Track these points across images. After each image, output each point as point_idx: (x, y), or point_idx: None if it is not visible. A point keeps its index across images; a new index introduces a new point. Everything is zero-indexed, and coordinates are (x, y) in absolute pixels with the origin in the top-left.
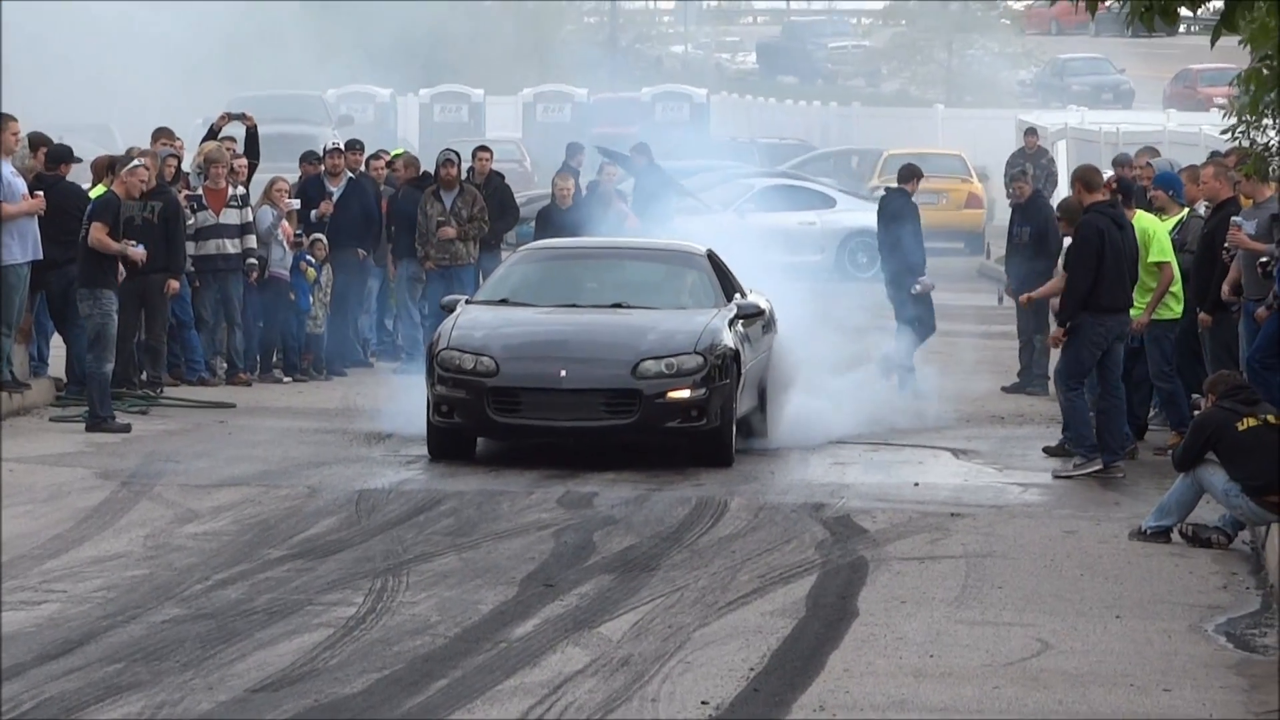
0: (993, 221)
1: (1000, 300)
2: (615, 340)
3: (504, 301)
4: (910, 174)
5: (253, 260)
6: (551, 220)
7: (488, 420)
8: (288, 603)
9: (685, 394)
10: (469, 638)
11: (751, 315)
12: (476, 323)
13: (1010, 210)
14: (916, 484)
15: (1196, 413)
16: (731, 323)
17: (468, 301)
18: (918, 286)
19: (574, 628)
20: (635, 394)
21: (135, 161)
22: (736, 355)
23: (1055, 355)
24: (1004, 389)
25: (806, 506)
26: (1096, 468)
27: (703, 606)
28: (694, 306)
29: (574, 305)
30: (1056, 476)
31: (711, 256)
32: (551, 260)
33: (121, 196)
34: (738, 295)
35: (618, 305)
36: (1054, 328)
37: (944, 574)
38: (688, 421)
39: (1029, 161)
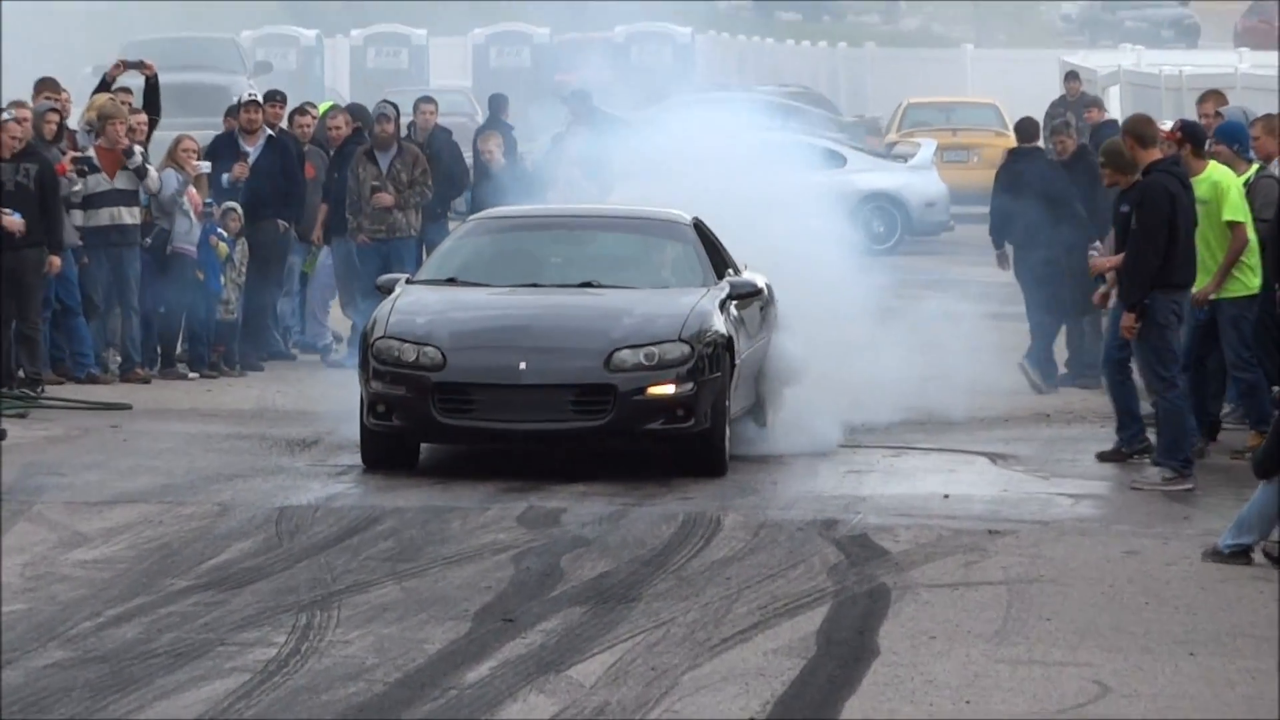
0: None
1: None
2: (584, 326)
3: (451, 281)
4: (1034, 130)
5: (157, 228)
6: (477, 190)
7: (433, 422)
8: (195, 643)
9: (669, 389)
10: (412, 683)
11: (747, 295)
12: (419, 306)
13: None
14: (947, 496)
15: None
16: (723, 304)
17: (408, 281)
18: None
19: (538, 670)
20: (609, 390)
21: (5, 114)
22: (729, 343)
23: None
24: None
25: (816, 523)
26: (1188, 487)
27: (693, 644)
28: (678, 285)
29: (535, 285)
30: (1135, 487)
31: (699, 226)
32: (508, 231)
33: None
34: (730, 272)
35: (587, 285)
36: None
37: (981, 603)
38: (672, 422)
39: (1072, 111)
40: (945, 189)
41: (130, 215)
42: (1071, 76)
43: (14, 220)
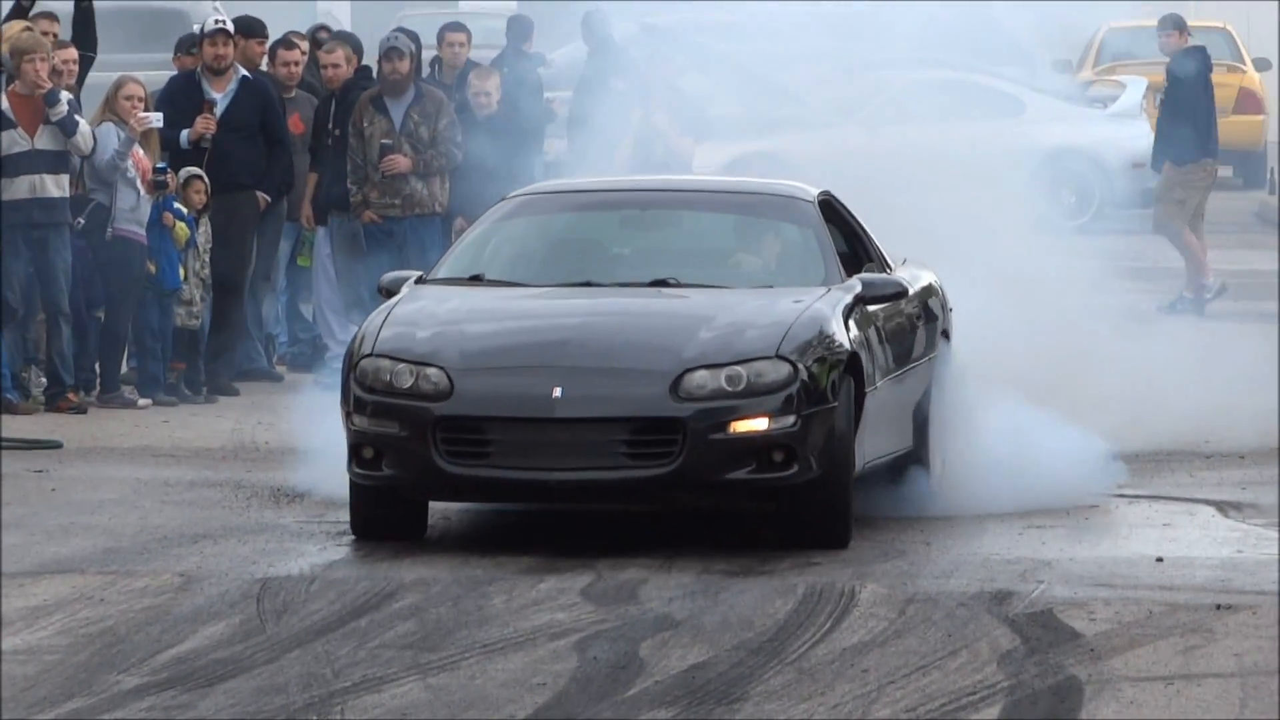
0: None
1: None
2: (646, 340)
3: (477, 279)
4: None
5: (91, 202)
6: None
7: (435, 471)
8: None
9: (762, 425)
10: None
11: (888, 297)
12: (423, 315)
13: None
14: (1160, 559)
15: None
16: (850, 309)
17: (419, 280)
18: None
19: None
20: (677, 425)
21: None
22: (855, 361)
23: None
24: None
25: (983, 596)
26: None
27: None
28: (788, 284)
29: (589, 285)
30: None
31: (827, 204)
32: (561, 212)
33: None
34: (871, 267)
35: (661, 284)
36: None
37: (1206, 702)
38: (766, 470)
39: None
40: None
41: (57, 186)
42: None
43: None
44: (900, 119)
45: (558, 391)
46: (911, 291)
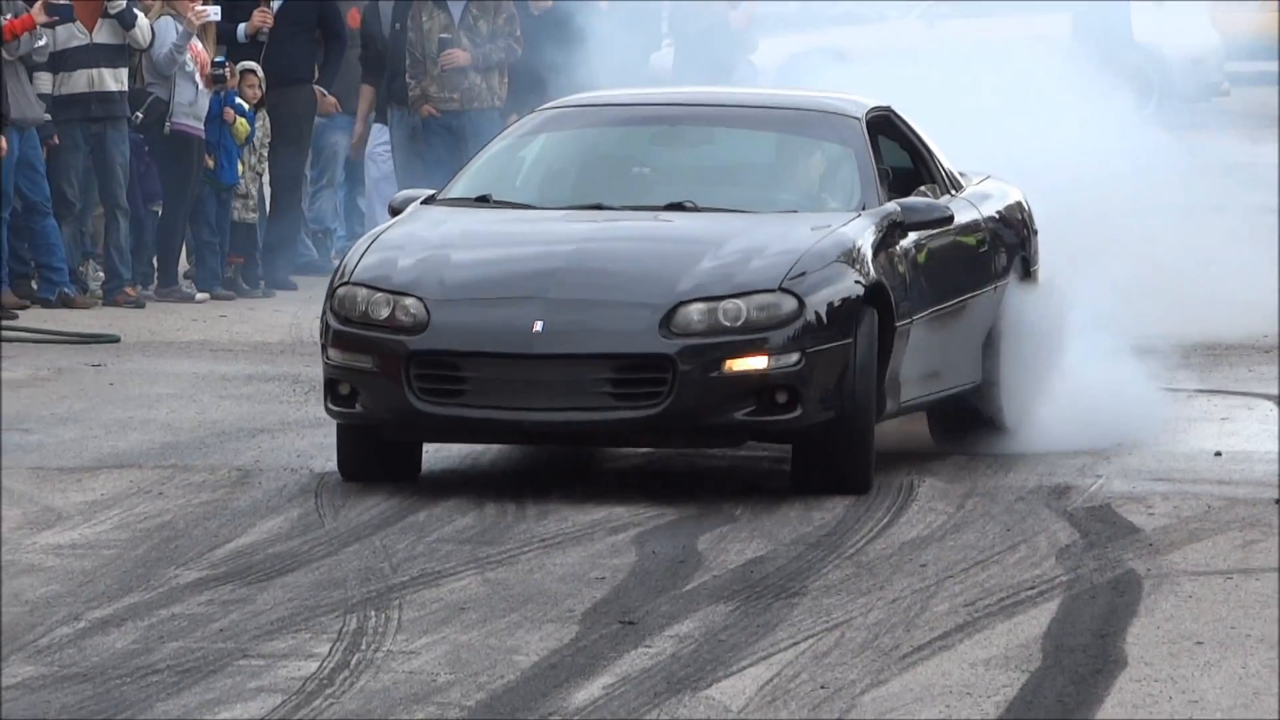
0: None
1: None
2: (641, 270)
3: (484, 200)
4: None
5: (148, 96)
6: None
7: (407, 409)
8: (208, 655)
9: (760, 363)
10: (501, 707)
11: (930, 223)
12: (412, 240)
13: None
14: (1218, 453)
15: None
16: (883, 236)
17: (427, 201)
18: None
19: (669, 690)
20: (666, 362)
21: None
22: (880, 294)
23: None
24: None
25: (1041, 491)
26: None
27: (876, 654)
28: (817, 209)
29: (600, 208)
30: None
31: (884, 120)
32: (586, 127)
33: None
34: (930, 188)
35: (677, 207)
36: None
37: (1263, 598)
38: (767, 411)
39: None
40: (1218, 38)
41: (115, 80)
42: None
43: None
44: (956, 14)
45: (538, 325)
46: (972, 217)
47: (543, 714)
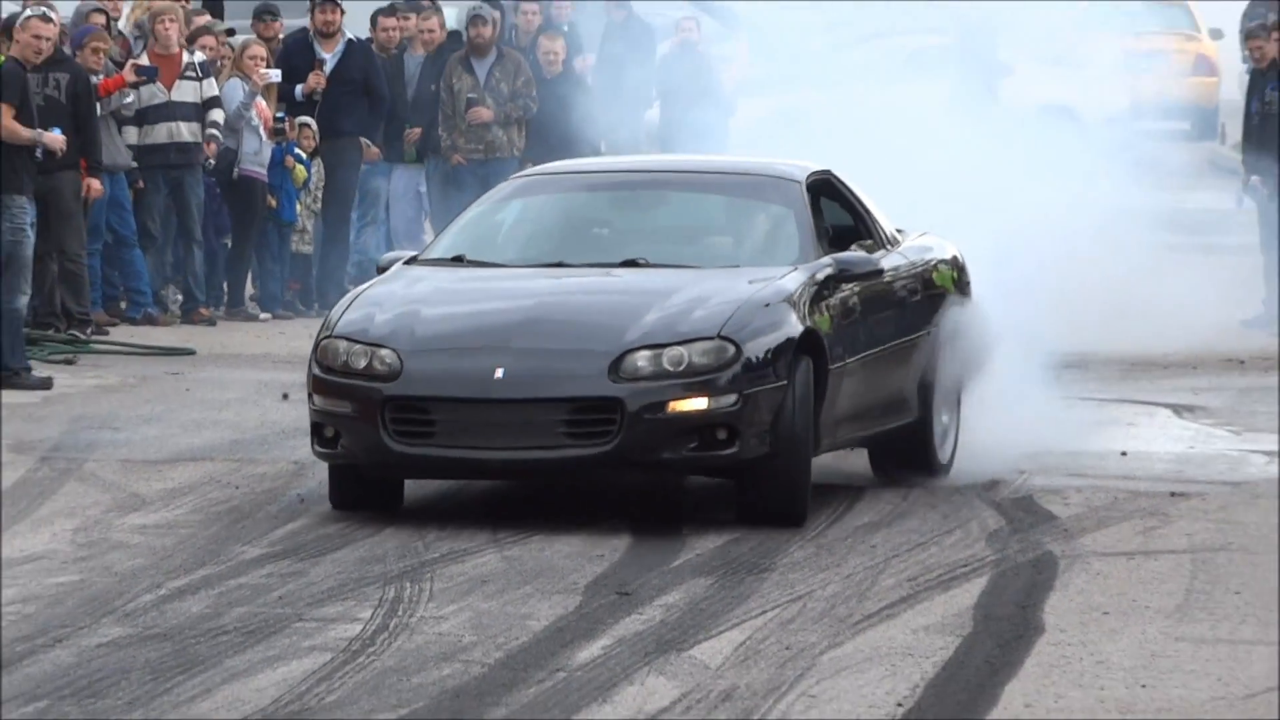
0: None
1: (1240, 202)
2: (594, 321)
3: (457, 260)
4: None
5: (213, 142)
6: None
7: (383, 450)
8: (269, 618)
9: (700, 404)
10: (515, 664)
11: (862, 275)
12: (389, 297)
13: (1248, 78)
14: (1124, 453)
15: None
16: (820, 289)
17: (409, 262)
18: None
19: (658, 650)
20: (614, 405)
21: (28, 11)
22: (812, 340)
23: None
24: (1244, 323)
25: (974, 485)
26: None
27: (833, 621)
28: (761, 263)
29: (561, 265)
30: None
31: (819, 185)
32: (553, 193)
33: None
34: (864, 244)
35: (631, 264)
36: None
37: (1161, 575)
38: (707, 448)
39: (1274, 13)
40: (1126, 101)
41: (191, 132)
42: None
43: (56, 138)
44: (906, 79)
45: (499, 372)
46: (907, 269)
47: (551, 670)
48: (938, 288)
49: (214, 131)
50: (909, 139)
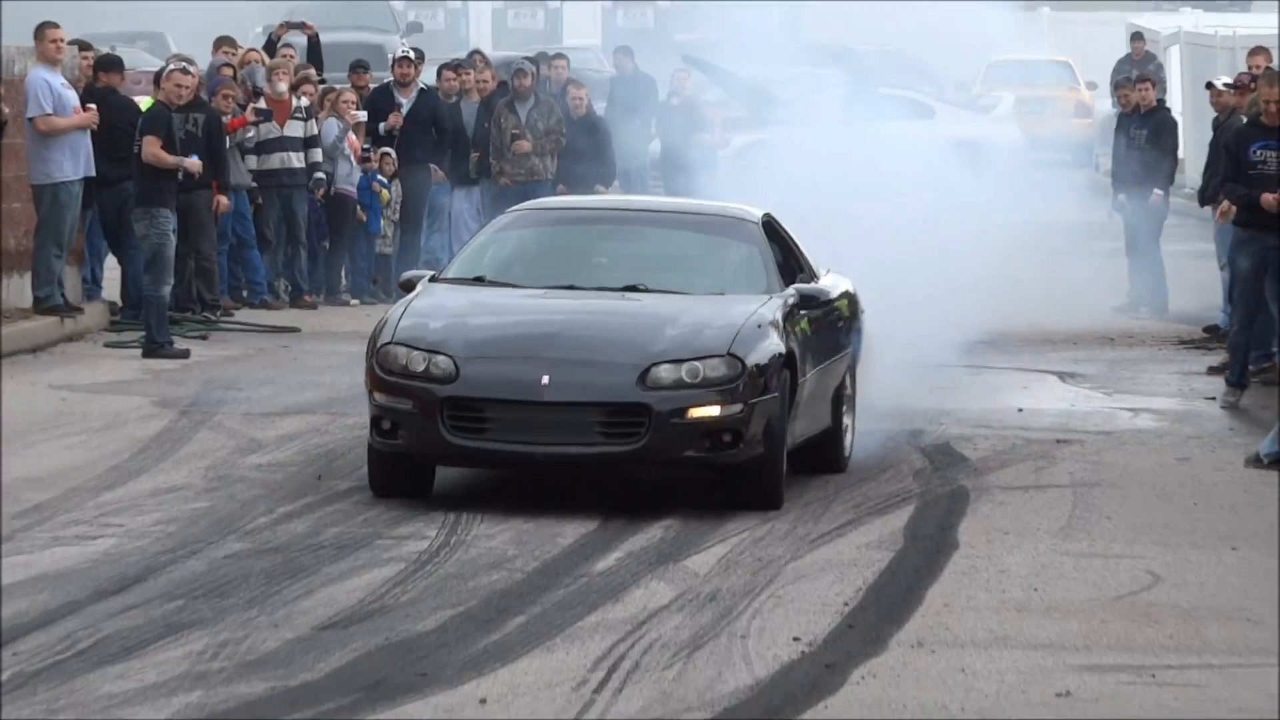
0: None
1: (1110, 216)
2: (619, 337)
3: (479, 280)
4: None
5: (319, 175)
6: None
7: (442, 442)
8: (357, 536)
9: (713, 411)
10: (548, 571)
11: (817, 304)
12: (435, 309)
13: (1116, 119)
14: (1020, 409)
15: None
16: (789, 314)
17: (433, 279)
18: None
19: (659, 561)
20: (643, 410)
21: (171, 66)
22: (790, 359)
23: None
24: (1113, 309)
25: (904, 433)
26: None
27: (794, 539)
28: (737, 292)
29: (572, 288)
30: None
31: (769, 225)
32: (549, 226)
33: (169, 105)
34: (804, 278)
35: (632, 289)
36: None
37: (1049, 504)
38: (717, 449)
39: (1136, 69)
40: (1022, 137)
41: (297, 159)
42: (1137, 37)
43: (194, 163)
44: (852, 120)
45: (546, 379)
46: (834, 297)
47: (576, 576)
48: (847, 316)
49: (320, 175)
50: (859, 162)
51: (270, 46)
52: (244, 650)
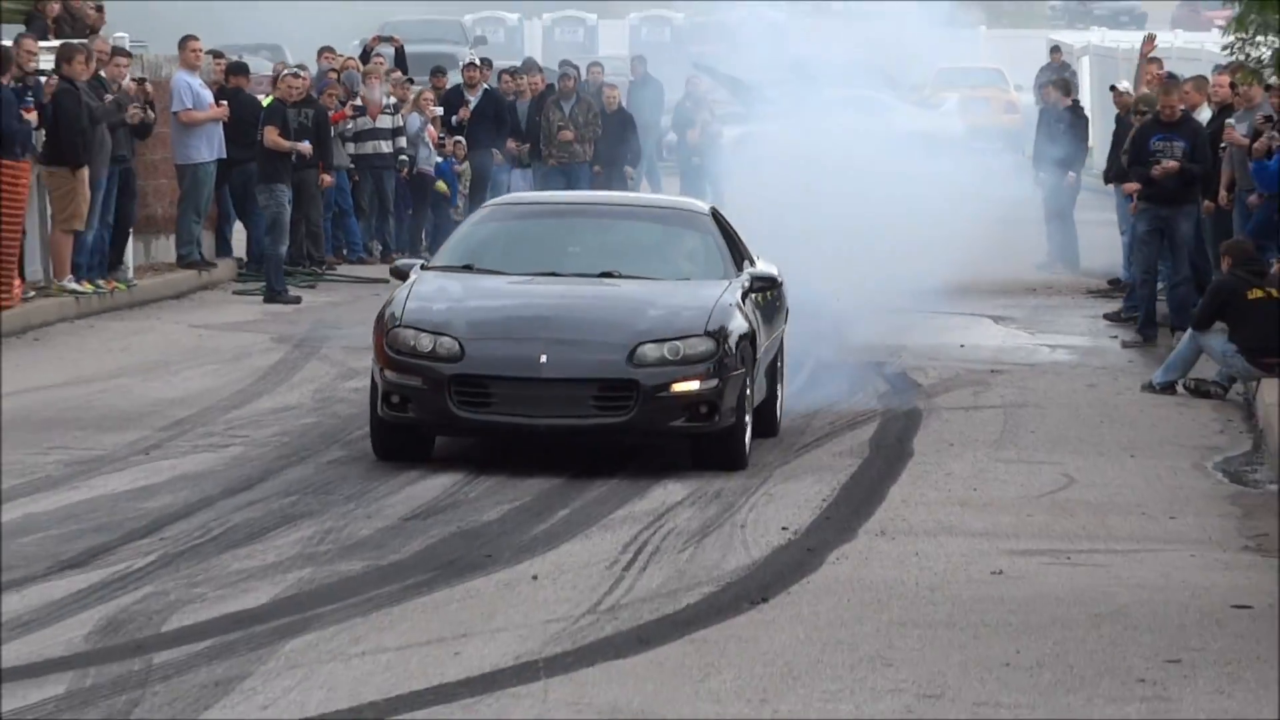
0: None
1: (1034, 192)
2: (608, 319)
3: (468, 268)
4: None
5: (404, 158)
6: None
7: (449, 415)
8: (433, 447)
9: (694, 386)
10: (585, 476)
11: (766, 287)
12: (437, 293)
13: (1039, 114)
14: (962, 345)
15: (1215, 277)
16: (745, 296)
17: (424, 267)
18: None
19: (673, 468)
20: (632, 385)
21: (285, 70)
22: (752, 337)
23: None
24: (1036, 266)
25: (869, 364)
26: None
27: (783, 449)
28: (699, 277)
29: (554, 274)
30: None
31: (716, 216)
32: (523, 218)
33: (285, 101)
34: (747, 263)
35: (607, 275)
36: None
37: (985, 421)
38: (695, 420)
39: (1054, 73)
40: (964, 129)
41: (386, 146)
42: (1055, 49)
43: (306, 146)
44: (828, 116)
45: (544, 358)
46: (777, 279)
47: (605, 479)
48: (780, 297)
49: (403, 157)
50: (833, 148)
51: (365, 55)
52: (344, 536)
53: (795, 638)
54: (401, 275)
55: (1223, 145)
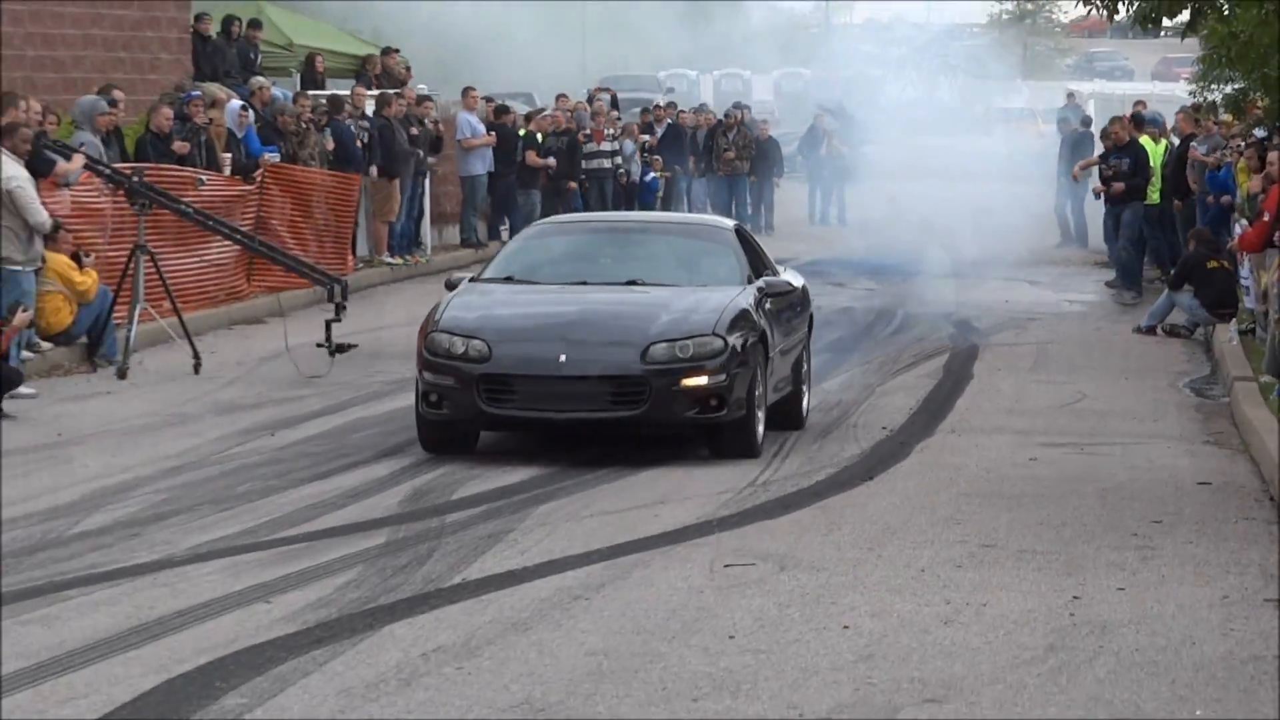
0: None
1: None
2: (623, 322)
3: (509, 280)
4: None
5: (620, 171)
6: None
7: (478, 411)
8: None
9: (702, 381)
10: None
11: (780, 294)
12: (472, 303)
13: (1060, 139)
14: (1006, 301)
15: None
16: (759, 301)
17: (472, 280)
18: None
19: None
20: (644, 381)
21: (546, 112)
22: (763, 336)
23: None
24: (1055, 247)
25: (940, 314)
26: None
27: (881, 373)
28: (715, 285)
29: (583, 283)
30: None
31: (740, 232)
32: (562, 235)
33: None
34: (768, 273)
35: (632, 283)
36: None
37: (1024, 354)
38: (705, 412)
39: (1069, 112)
40: (1007, 150)
41: (608, 163)
42: (1071, 95)
43: (549, 161)
44: (912, 138)
45: (563, 357)
46: (793, 288)
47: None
48: (802, 303)
49: (621, 172)
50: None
51: (590, 99)
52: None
53: (892, 504)
54: (452, 287)
55: (1191, 163)
